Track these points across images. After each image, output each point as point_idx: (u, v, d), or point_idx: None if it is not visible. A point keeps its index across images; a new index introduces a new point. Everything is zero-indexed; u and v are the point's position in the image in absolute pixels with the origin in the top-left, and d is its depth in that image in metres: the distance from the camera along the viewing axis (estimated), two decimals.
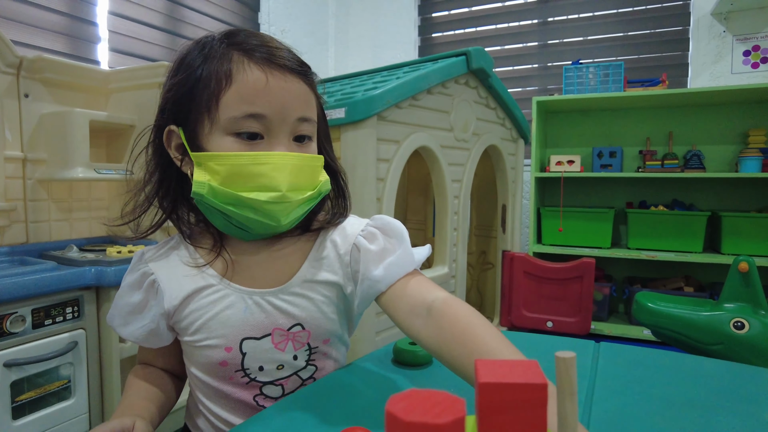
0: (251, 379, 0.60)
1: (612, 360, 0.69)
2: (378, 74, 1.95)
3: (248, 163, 0.53)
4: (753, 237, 2.31)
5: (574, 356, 0.29)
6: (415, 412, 0.22)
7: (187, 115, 0.55)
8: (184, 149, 0.57)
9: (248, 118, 0.53)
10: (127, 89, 1.58)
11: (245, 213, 0.55)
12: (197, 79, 0.54)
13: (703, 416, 0.53)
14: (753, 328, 1.55)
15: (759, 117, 2.50)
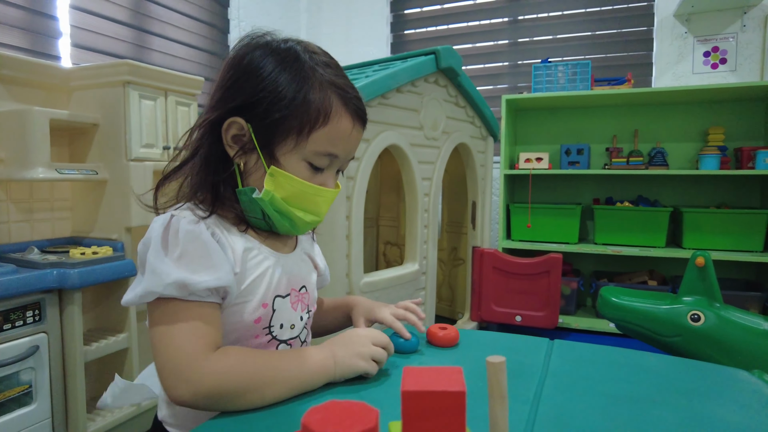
0: (273, 337, 0.67)
1: (564, 357, 0.72)
2: (348, 72, 1.95)
3: (311, 193, 0.64)
4: (712, 232, 2.39)
5: (503, 361, 0.31)
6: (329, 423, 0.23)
7: (274, 127, 0.61)
8: (244, 144, 0.63)
9: (327, 155, 0.63)
10: (90, 87, 1.54)
11: (284, 222, 0.65)
12: (298, 107, 0.61)
13: (642, 410, 0.55)
14: (708, 320, 1.61)
15: (718, 116, 2.58)
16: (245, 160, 0.64)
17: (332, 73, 0.64)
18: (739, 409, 0.57)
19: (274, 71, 0.61)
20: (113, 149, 1.52)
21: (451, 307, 2.65)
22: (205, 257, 0.58)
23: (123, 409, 1.48)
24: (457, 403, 0.28)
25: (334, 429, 0.23)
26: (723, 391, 0.62)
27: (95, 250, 1.41)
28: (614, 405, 0.57)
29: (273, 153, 0.62)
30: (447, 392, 0.28)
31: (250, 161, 0.64)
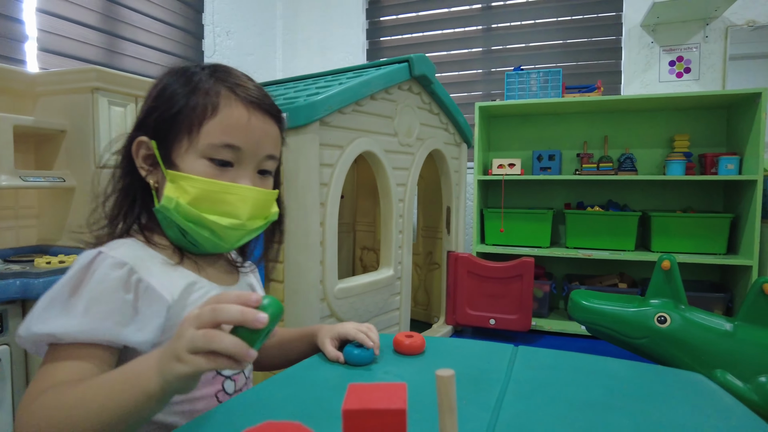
0: (218, 373, 0.64)
1: (526, 364, 0.73)
2: (322, 79, 1.96)
3: (218, 190, 0.60)
4: (679, 235, 2.46)
5: (452, 374, 0.32)
6: None
7: (167, 131, 0.61)
8: (152, 162, 0.62)
9: (225, 147, 0.60)
10: (57, 93, 1.52)
11: (202, 232, 0.61)
12: (185, 104, 0.60)
13: (599, 416, 0.57)
14: (674, 321, 1.66)
15: (683, 123, 2.67)
16: (156, 178, 0.62)
17: (229, 76, 0.63)
18: (691, 411, 0.59)
19: (166, 85, 0.62)
20: (82, 156, 1.50)
21: (426, 311, 2.67)
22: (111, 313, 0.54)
23: None
24: (398, 420, 0.28)
25: None
26: (679, 395, 0.65)
27: (62, 259, 1.38)
28: (573, 411, 0.58)
29: (171, 159, 0.61)
30: (387, 410, 0.28)
31: (160, 179, 0.62)
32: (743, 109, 2.41)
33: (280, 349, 0.82)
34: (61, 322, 0.53)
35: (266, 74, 3.30)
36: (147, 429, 0.60)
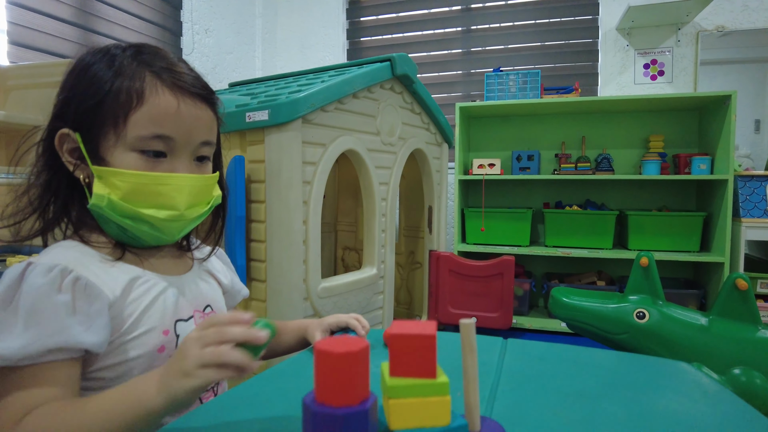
0: None
1: (517, 356, 0.74)
2: (303, 77, 1.95)
3: (150, 183, 0.57)
4: (655, 233, 2.52)
5: (474, 322, 0.38)
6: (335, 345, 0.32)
7: (90, 124, 0.57)
8: (78, 155, 0.58)
9: (156, 138, 0.57)
10: (28, 87, 1.47)
11: (141, 227, 0.58)
12: (106, 92, 0.56)
13: (591, 405, 0.58)
14: (652, 317, 1.70)
15: (657, 124, 2.73)
16: (87, 173, 0.58)
17: (155, 60, 0.59)
18: (680, 399, 0.60)
19: (83, 69, 0.58)
20: None
21: (409, 310, 2.67)
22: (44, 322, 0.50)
23: None
24: (429, 343, 0.36)
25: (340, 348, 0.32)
26: (666, 383, 0.66)
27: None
28: (565, 401, 0.59)
29: (99, 154, 0.57)
30: (422, 335, 0.36)
31: (91, 172, 0.58)
32: (714, 111, 2.49)
33: None
34: (4, 344, 0.49)
35: (246, 73, 3.26)
36: None
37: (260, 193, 1.58)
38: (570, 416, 0.55)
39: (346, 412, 0.31)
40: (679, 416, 0.55)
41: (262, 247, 1.59)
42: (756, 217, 2.33)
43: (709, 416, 0.56)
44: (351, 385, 0.32)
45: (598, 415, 0.55)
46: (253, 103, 1.57)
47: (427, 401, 0.36)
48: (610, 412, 0.56)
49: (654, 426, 0.53)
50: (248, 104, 1.58)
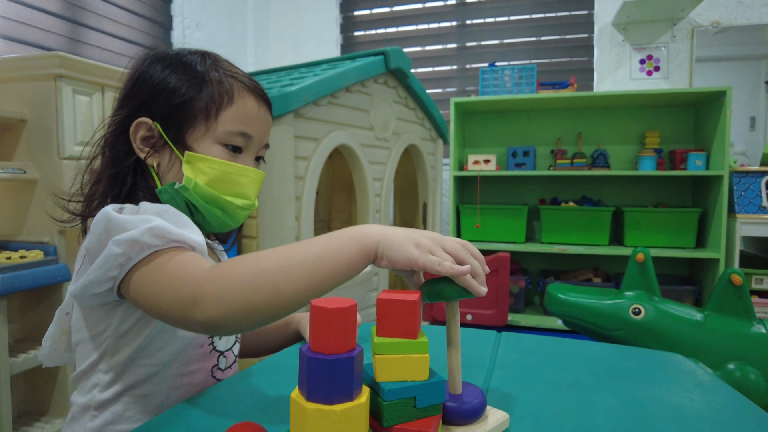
0: (213, 348, 0.65)
1: (510, 348, 0.72)
2: (296, 71, 1.92)
3: (234, 172, 0.64)
4: (651, 230, 2.51)
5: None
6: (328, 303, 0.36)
7: (181, 116, 0.62)
8: (151, 143, 0.63)
9: (240, 135, 0.64)
10: (16, 80, 1.44)
11: (214, 211, 0.63)
12: (200, 91, 0.62)
13: (585, 396, 0.56)
14: (648, 313, 1.69)
15: (653, 120, 2.72)
16: (158, 161, 0.63)
17: (231, 66, 0.67)
18: (675, 389, 0.59)
19: (163, 73, 0.63)
20: (44, 147, 1.42)
21: None
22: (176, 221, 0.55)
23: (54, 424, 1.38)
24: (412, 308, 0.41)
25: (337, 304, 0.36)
26: (660, 374, 0.64)
27: (23, 254, 1.32)
28: (559, 392, 0.57)
29: (185, 142, 0.62)
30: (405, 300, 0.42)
31: (164, 160, 0.63)
32: (709, 106, 2.48)
33: (259, 336, 0.81)
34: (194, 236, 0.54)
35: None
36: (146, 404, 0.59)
37: None
38: (564, 406, 0.53)
39: (336, 357, 0.35)
40: (673, 406, 0.54)
41: (254, 244, 1.56)
42: (751, 213, 2.33)
43: (703, 406, 0.55)
44: (340, 336, 0.36)
45: (591, 405, 0.53)
46: None
47: (408, 358, 0.41)
48: (603, 403, 0.54)
49: (648, 416, 0.51)
50: None
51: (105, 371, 0.59)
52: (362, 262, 0.48)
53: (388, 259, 0.47)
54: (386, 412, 0.40)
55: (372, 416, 0.40)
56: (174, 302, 0.48)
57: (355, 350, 0.36)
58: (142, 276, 0.51)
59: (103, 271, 0.51)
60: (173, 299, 0.48)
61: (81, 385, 0.61)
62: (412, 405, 0.40)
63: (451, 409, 0.45)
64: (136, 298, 0.51)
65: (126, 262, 0.51)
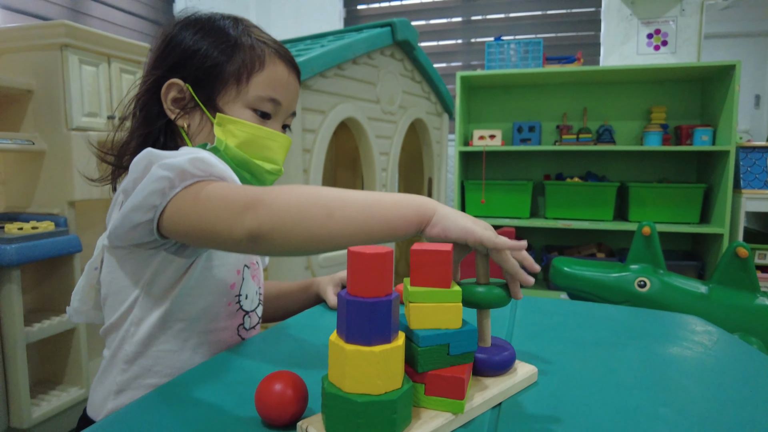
0: (240, 307, 0.66)
1: (528, 310, 0.73)
2: (301, 42, 1.90)
3: (264, 136, 0.64)
4: (655, 205, 2.51)
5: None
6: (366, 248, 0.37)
7: (213, 79, 0.62)
8: (181, 105, 0.63)
9: (270, 101, 0.64)
10: (21, 50, 1.43)
11: (243, 174, 0.64)
12: (232, 55, 0.62)
13: (608, 353, 0.57)
14: (653, 285, 1.70)
15: (660, 95, 2.70)
16: (188, 122, 0.64)
17: (262, 33, 0.67)
18: (694, 346, 0.60)
19: (196, 36, 0.63)
20: (51, 118, 1.42)
21: None
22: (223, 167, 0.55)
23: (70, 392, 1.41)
24: (445, 258, 0.42)
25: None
26: (678, 333, 0.65)
27: (34, 225, 1.32)
28: (582, 349, 0.58)
29: (216, 105, 0.63)
30: (439, 250, 0.42)
31: (194, 122, 0.64)
32: (717, 81, 2.45)
33: (279, 300, 0.82)
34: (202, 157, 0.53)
35: None
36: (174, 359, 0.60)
37: None
38: (588, 362, 0.54)
39: (375, 300, 0.36)
40: (694, 361, 0.55)
41: None
42: (756, 189, 2.32)
43: (722, 360, 0.56)
44: (378, 280, 0.36)
45: (615, 361, 0.54)
46: None
47: (441, 306, 0.41)
48: (626, 359, 0.55)
49: (670, 370, 0.52)
50: None
51: (135, 324, 0.59)
52: (414, 224, 0.48)
53: (443, 227, 0.47)
54: (421, 358, 0.40)
55: (406, 363, 0.41)
56: (223, 211, 0.48)
57: (392, 294, 0.37)
58: (184, 199, 0.50)
59: (145, 195, 0.50)
60: (223, 208, 0.48)
61: (110, 339, 0.62)
62: (446, 352, 0.41)
63: (482, 361, 0.46)
64: (177, 224, 0.51)
65: (169, 189, 0.50)
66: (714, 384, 0.49)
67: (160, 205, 0.51)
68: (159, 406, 0.44)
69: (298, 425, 0.39)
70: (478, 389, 0.44)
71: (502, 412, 0.43)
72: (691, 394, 0.47)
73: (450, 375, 0.40)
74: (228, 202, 0.48)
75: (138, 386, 0.59)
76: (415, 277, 0.42)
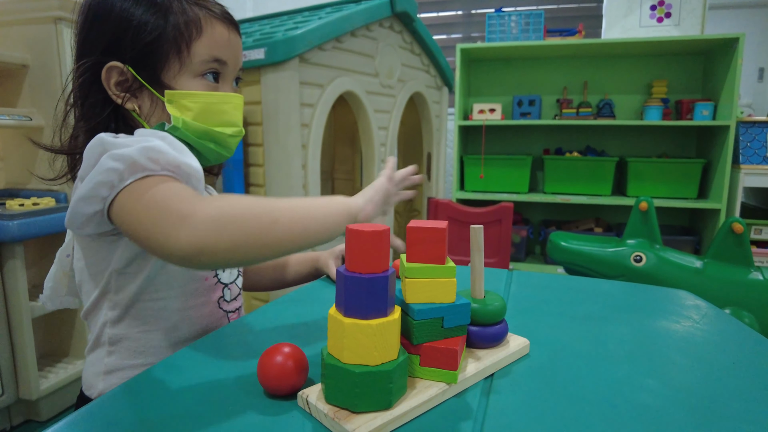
0: (218, 280, 0.66)
1: (522, 285, 0.75)
2: (299, 14, 1.88)
3: (218, 102, 0.62)
4: (654, 180, 2.52)
5: (481, 227, 0.47)
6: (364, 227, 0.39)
7: (151, 56, 0.59)
8: (125, 87, 0.59)
9: (215, 62, 0.62)
10: (14, 23, 1.41)
11: (208, 144, 0.63)
12: (164, 27, 0.59)
13: (599, 326, 0.59)
14: (649, 260, 1.72)
15: (661, 69, 2.67)
16: (138, 104, 0.61)
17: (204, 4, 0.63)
18: (682, 320, 0.61)
19: (124, 10, 0.58)
20: (48, 93, 1.41)
21: None
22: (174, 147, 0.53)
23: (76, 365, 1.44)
24: (440, 235, 0.44)
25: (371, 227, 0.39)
26: (668, 307, 0.67)
27: (35, 201, 1.33)
28: (573, 323, 0.60)
29: (162, 82, 0.60)
30: (434, 228, 0.44)
31: (145, 103, 0.61)
32: (720, 55, 2.43)
33: (276, 271, 0.82)
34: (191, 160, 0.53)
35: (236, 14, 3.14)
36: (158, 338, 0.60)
37: (257, 135, 1.55)
38: (579, 335, 0.56)
39: (372, 276, 0.37)
40: (682, 334, 0.57)
41: (261, 192, 1.57)
42: (755, 164, 2.32)
43: (709, 334, 0.57)
44: (375, 257, 0.38)
45: (605, 334, 0.56)
46: (248, 42, 1.51)
47: (436, 282, 0.43)
48: (616, 332, 0.57)
49: (658, 343, 0.54)
50: (243, 43, 1.53)
51: (111, 308, 0.59)
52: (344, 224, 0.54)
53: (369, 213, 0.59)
54: (416, 331, 0.42)
55: (402, 335, 0.42)
56: (160, 220, 0.45)
57: (389, 271, 0.38)
58: (131, 195, 0.48)
59: (93, 186, 0.49)
60: (159, 217, 0.45)
61: (91, 323, 0.62)
62: (440, 325, 0.43)
63: (475, 333, 0.48)
64: (121, 220, 0.49)
65: (118, 182, 0.49)
66: (699, 356, 0.51)
67: (108, 197, 0.49)
68: (164, 379, 0.46)
69: (298, 395, 0.41)
70: (472, 360, 0.46)
71: (494, 382, 0.45)
72: (676, 366, 0.48)
73: (444, 347, 0.42)
74: (166, 208, 0.46)
75: (126, 366, 0.60)
76: (411, 254, 0.44)
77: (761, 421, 0.39)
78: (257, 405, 0.41)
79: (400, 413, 0.38)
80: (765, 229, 2.39)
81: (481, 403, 0.41)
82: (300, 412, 0.40)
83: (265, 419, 0.39)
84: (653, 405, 0.41)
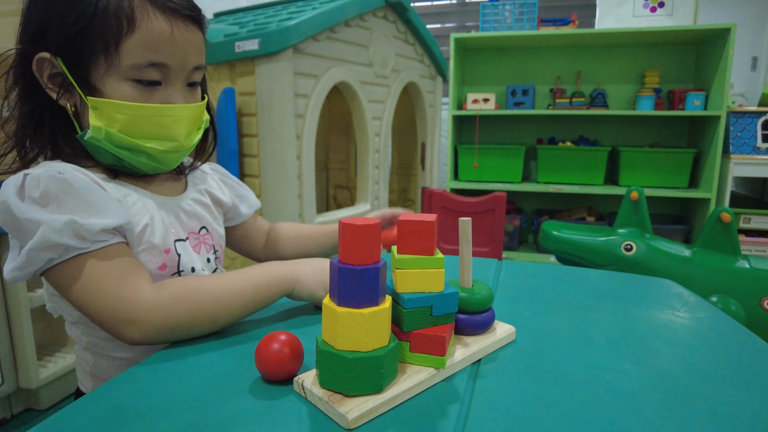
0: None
1: (511, 274, 0.77)
2: (293, 5, 1.87)
3: (150, 114, 0.54)
4: (646, 170, 2.55)
5: (470, 220, 0.49)
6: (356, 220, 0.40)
7: (77, 50, 0.52)
8: (62, 81, 0.54)
9: (151, 66, 0.54)
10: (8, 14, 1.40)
11: (140, 158, 0.56)
12: (92, 15, 0.51)
13: (582, 314, 0.61)
14: (639, 249, 1.75)
15: (654, 59, 2.69)
16: (74, 101, 0.55)
17: None
18: (665, 309, 0.64)
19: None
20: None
21: None
22: (86, 202, 0.50)
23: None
24: (429, 228, 0.45)
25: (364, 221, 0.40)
26: (651, 296, 0.69)
27: None
28: (559, 311, 0.62)
29: (90, 82, 0.53)
30: (423, 221, 0.45)
31: (78, 101, 0.55)
32: (712, 45, 2.44)
33: (297, 241, 0.81)
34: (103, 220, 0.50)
35: (230, 4, 3.12)
36: None
37: (252, 126, 1.56)
38: (563, 323, 0.58)
39: (364, 268, 0.39)
40: (663, 322, 0.59)
41: (257, 182, 1.59)
42: (745, 154, 2.35)
43: (689, 322, 0.60)
44: (367, 250, 0.39)
45: (588, 322, 0.58)
46: (242, 32, 1.52)
47: (425, 272, 0.45)
48: (599, 320, 0.59)
49: (640, 331, 0.56)
50: (237, 33, 1.53)
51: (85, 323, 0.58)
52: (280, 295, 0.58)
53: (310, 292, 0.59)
54: (406, 319, 0.44)
55: (393, 323, 0.44)
56: (108, 316, 0.49)
57: (380, 262, 0.40)
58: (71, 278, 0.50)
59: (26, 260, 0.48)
60: (107, 314, 0.49)
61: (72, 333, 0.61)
62: (429, 313, 0.45)
63: (463, 321, 0.50)
64: (63, 292, 0.51)
65: (48, 263, 0.49)
66: (676, 342, 0.53)
67: (42, 269, 0.50)
68: (165, 365, 0.48)
69: (294, 380, 0.43)
70: (459, 347, 0.48)
71: (481, 367, 0.47)
72: (655, 352, 0.51)
73: (432, 334, 0.44)
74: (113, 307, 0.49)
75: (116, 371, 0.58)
76: (401, 245, 0.46)
77: (731, 402, 0.41)
78: (255, 390, 0.43)
79: (391, 396, 0.40)
80: (754, 218, 2.42)
81: (468, 387, 0.43)
82: (296, 396, 0.42)
83: (262, 403, 0.41)
84: (631, 388, 0.43)
